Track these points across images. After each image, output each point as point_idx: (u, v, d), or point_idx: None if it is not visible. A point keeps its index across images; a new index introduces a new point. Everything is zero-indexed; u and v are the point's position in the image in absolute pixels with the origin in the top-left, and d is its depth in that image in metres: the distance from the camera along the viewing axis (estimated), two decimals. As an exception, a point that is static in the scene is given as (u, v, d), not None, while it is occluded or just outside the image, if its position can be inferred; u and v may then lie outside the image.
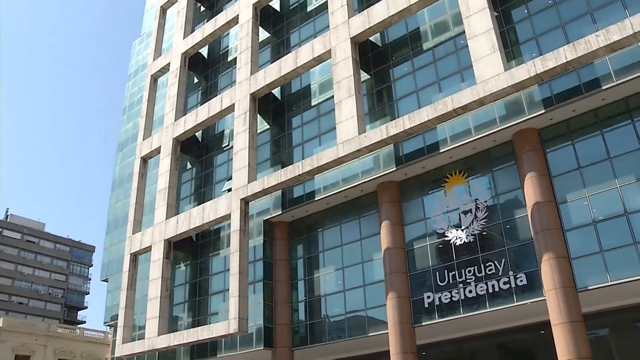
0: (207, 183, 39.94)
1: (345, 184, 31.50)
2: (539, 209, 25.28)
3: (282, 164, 34.74)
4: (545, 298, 24.46)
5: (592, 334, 25.95)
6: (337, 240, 32.87)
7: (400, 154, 29.76)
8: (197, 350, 36.00)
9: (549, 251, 24.45)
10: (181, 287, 39.10)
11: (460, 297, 26.94)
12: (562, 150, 26.21)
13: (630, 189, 24.01)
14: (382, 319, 29.17)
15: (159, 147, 40.92)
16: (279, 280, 33.89)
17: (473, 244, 27.33)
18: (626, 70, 23.87)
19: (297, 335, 32.96)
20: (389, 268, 29.12)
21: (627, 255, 23.21)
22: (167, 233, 37.16)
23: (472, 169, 28.60)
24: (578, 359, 22.88)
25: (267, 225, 35.05)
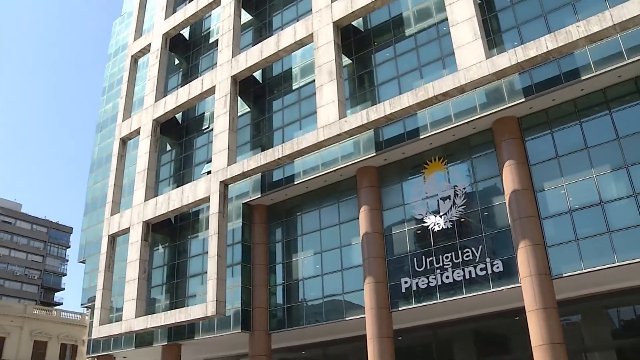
0: (187, 165, 39.75)
1: (324, 169, 31.53)
2: (516, 196, 25.52)
3: (262, 147, 34.65)
4: (520, 285, 24.78)
5: (564, 320, 26.43)
6: (315, 225, 32.94)
7: (380, 139, 29.82)
8: (174, 333, 36.02)
9: (526, 239, 24.74)
10: (159, 269, 39.01)
11: (437, 282, 27.18)
12: (541, 139, 26.46)
13: (605, 178, 24.33)
14: (360, 304, 29.34)
15: (138, 128, 40.60)
16: (257, 264, 33.92)
17: (451, 230, 27.55)
18: (605, 61, 24.09)
19: (275, 318, 33.07)
20: (367, 253, 29.26)
21: (601, 243, 23.58)
22: (145, 215, 36.98)
23: (451, 156, 28.76)
24: (551, 344, 23.25)
25: (246, 208, 35.00)
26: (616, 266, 23.06)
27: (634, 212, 23.16)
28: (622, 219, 23.43)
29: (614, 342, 27.98)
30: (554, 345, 23.28)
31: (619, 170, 24.08)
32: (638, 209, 23.11)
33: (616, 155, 24.21)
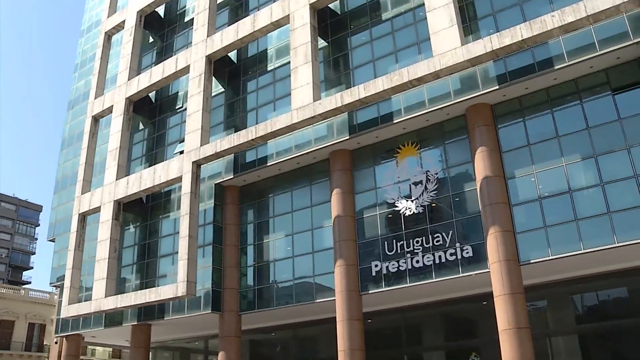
0: (159, 144, 39.41)
1: (297, 151, 31.50)
2: (487, 183, 25.79)
3: (236, 128, 34.46)
4: (489, 270, 25.11)
5: (531, 306, 26.92)
6: (287, 207, 32.94)
7: (354, 122, 29.83)
8: (144, 313, 35.89)
9: (495, 225, 25.02)
10: (130, 248, 38.75)
11: (407, 266, 27.41)
12: (513, 127, 26.73)
13: (575, 167, 24.71)
14: (330, 286, 29.51)
15: (111, 106, 40.07)
16: (228, 245, 33.87)
17: (422, 215, 27.77)
18: (578, 52, 24.38)
19: (245, 299, 33.11)
20: (339, 236, 29.38)
21: (568, 231, 24.00)
22: (117, 194, 36.64)
23: (424, 141, 28.91)
24: (517, 329, 23.66)
25: (219, 189, 34.86)
26: (582, 253, 23.51)
27: (601, 201, 23.58)
28: (589, 208, 23.86)
29: (576, 327, 28.67)
30: (519, 329, 23.69)
31: (587, 160, 24.48)
32: (605, 198, 23.52)
33: (586, 145, 24.59)
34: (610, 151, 24.05)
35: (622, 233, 22.77)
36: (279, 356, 38.57)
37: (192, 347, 43.47)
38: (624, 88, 24.53)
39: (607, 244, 23.01)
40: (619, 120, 24.18)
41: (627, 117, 24.02)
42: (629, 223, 22.78)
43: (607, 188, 23.69)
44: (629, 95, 24.42)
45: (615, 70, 24.84)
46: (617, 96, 24.58)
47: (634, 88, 24.33)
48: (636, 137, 23.60)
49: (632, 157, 23.43)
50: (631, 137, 23.66)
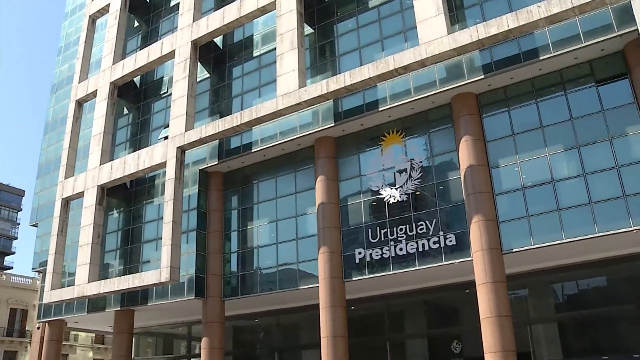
0: (144, 130, 39.19)
1: (282, 137, 31.45)
2: (471, 172, 25.92)
3: (221, 113, 34.34)
4: (472, 259, 25.31)
5: (512, 294, 27.12)
6: (272, 193, 32.93)
7: (340, 110, 29.82)
8: (127, 298, 35.80)
9: (479, 214, 25.20)
10: (113, 234, 38.59)
11: (390, 254, 27.54)
12: (497, 116, 26.87)
13: (558, 157, 24.93)
14: (313, 273, 29.61)
15: (95, 90, 39.74)
16: (212, 231, 33.84)
17: (406, 203, 27.87)
18: (563, 43, 24.52)
19: (229, 285, 33.14)
20: (322, 223, 29.43)
21: (550, 221, 24.24)
22: (100, 179, 36.44)
23: (409, 129, 28.97)
24: (498, 317, 23.90)
25: (203, 174, 34.74)
26: (563, 243, 23.77)
27: (583, 191, 23.83)
28: (571, 198, 24.10)
29: (556, 316, 29.02)
30: (501, 317, 23.93)
31: (570, 150, 24.68)
32: (586, 189, 23.75)
33: (569, 136, 24.80)
34: (593, 142, 24.28)
35: (602, 223, 23.04)
36: (262, 342, 38.68)
37: (175, 332, 43.41)
38: (608, 80, 24.75)
39: (588, 234, 23.27)
40: (602, 112, 24.40)
41: (610, 109, 24.26)
42: (609, 213, 23.05)
43: (589, 179, 23.93)
44: (612, 87, 24.64)
45: (599, 62, 25.02)
46: (601, 88, 24.79)
47: (617, 80, 24.55)
48: (618, 128, 23.84)
49: (614, 148, 23.67)
50: (613, 128, 23.91)
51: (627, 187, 22.97)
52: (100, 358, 72.68)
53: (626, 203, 22.84)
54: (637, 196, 22.75)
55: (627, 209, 22.73)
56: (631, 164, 23.26)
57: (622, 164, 23.37)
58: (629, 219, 22.57)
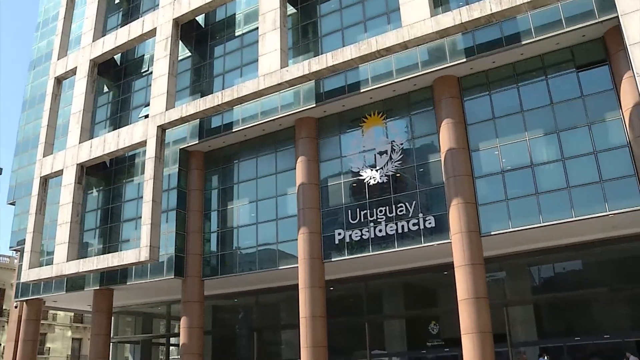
0: (124, 108, 38.80)
1: (264, 117, 31.31)
2: (452, 155, 26.04)
3: (202, 93, 34.10)
4: (450, 241, 25.51)
5: (490, 277, 27.44)
6: (252, 173, 32.85)
7: (321, 90, 29.74)
8: (106, 277, 35.65)
9: (458, 196, 25.36)
10: (92, 213, 38.32)
11: (370, 235, 27.66)
12: (479, 100, 26.99)
13: (538, 142, 25.15)
14: (293, 253, 29.67)
15: (74, 68, 39.15)
16: (192, 210, 33.71)
17: (386, 185, 27.96)
18: (545, 28, 24.62)
19: (208, 265, 33.13)
20: (302, 203, 29.48)
21: (528, 204, 24.51)
22: (79, 157, 36.05)
23: (390, 111, 28.98)
24: (475, 299, 24.18)
25: (183, 154, 34.54)
26: (541, 226, 24.05)
27: (561, 175, 24.07)
28: (550, 182, 24.36)
29: (532, 298, 29.50)
30: (478, 299, 24.21)
31: (550, 135, 24.91)
32: (565, 173, 24.00)
33: (549, 121, 25.01)
34: (572, 127, 24.50)
35: (579, 208, 23.34)
36: (241, 322, 38.83)
37: (154, 312, 43.46)
38: (588, 66, 24.95)
39: (565, 218, 23.57)
40: (581, 97, 24.59)
41: (589, 95, 24.48)
42: (586, 198, 23.35)
43: (567, 163, 24.16)
44: (592, 73, 24.84)
45: (580, 48, 25.18)
46: (581, 73, 24.99)
47: (597, 66, 24.75)
48: (597, 114, 24.10)
49: (593, 134, 23.91)
50: (592, 114, 24.15)
51: (604, 173, 23.29)
52: (79, 337, 72.54)
53: (602, 188, 23.15)
54: (614, 181, 23.08)
55: (603, 194, 23.04)
56: (608, 150, 23.56)
57: (599, 150, 23.66)
58: (605, 203, 22.89)
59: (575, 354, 26.86)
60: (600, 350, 26.49)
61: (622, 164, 23.10)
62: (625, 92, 23.11)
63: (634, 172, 22.68)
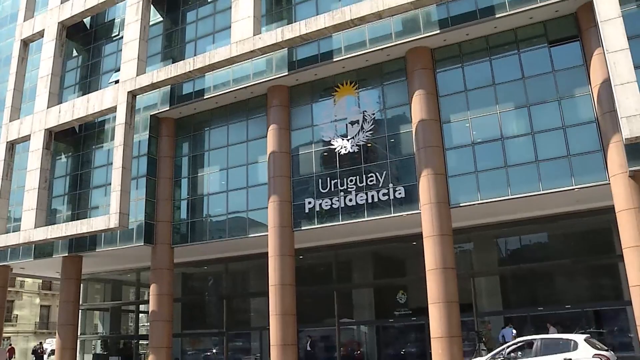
0: (94, 73, 38.07)
1: (235, 85, 30.94)
2: (423, 126, 26.11)
3: (173, 59, 33.51)
4: (420, 211, 25.69)
5: (458, 248, 27.84)
6: (223, 141, 32.56)
7: (294, 59, 29.44)
8: (75, 244, 35.28)
9: (428, 167, 25.50)
10: (61, 179, 37.77)
11: (340, 204, 27.75)
12: (451, 72, 27.00)
13: (508, 115, 25.35)
14: (263, 222, 29.67)
15: (42, 30, 38.11)
16: (162, 177, 33.39)
17: (357, 155, 27.98)
18: (519, 1, 24.51)
19: (178, 232, 33.01)
20: (273, 171, 29.37)
21: (497, 177, 24.76)
22: (48, 122, 35.39)
23: (363, 81, 28.87)
24: (443, 269, 24.48)
25: (154, 120, 34.04)
26: (509, 199, 24.34)
27: (530, 149, 24.33)
28: (519, 155, 24.61)
29: (498, 269, 30.05)
30: (445, 269, 24.52)
31: (520, 109, 25.09)
32: (534, 147, 24.28)
33: (520, 95, 25.15)
34: (542, 102, 24.71)
35: (547, 181, 23.67)
36: (210, 289, 38.93)
37: (123, 279, 43.30)
38: (560, 41, 25.04)
39: (533, 191, 23.90)
40: (552, 72, 24.77)
41: (560, 70, 24.63)
42: (554, 172, 23.67)
43: (536, 137, 24.41)
44: (563, 48, 24.97)
45: (553, 23, 25.23)
46: (553, 49, 25.09)
47: (568, 42, 24.86)
48: (567, 89, 24.31)
49: (562, 109, 24.17)
50: (563, 89, 24.36)
51: (572, 147, 23.60)
52: (48, 304, 72.18)
53: (570, 163, 23.48)
54: (581, 156, 23.42)
55: (570, 169, 23.39)
56: (577, 125, 23.85)
57: (568, 125, 23.93)
58: (571, 178, 23.25)
59: (538, 324, 27.50)
60: (561, 319, 27.18)
61: (589, 140, 23.42)
62: (595, 68, 23.31)
63: (600, 148, 23.02)
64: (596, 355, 16.73)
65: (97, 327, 45.60)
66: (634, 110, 19.61)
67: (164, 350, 32.20)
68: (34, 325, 70.30)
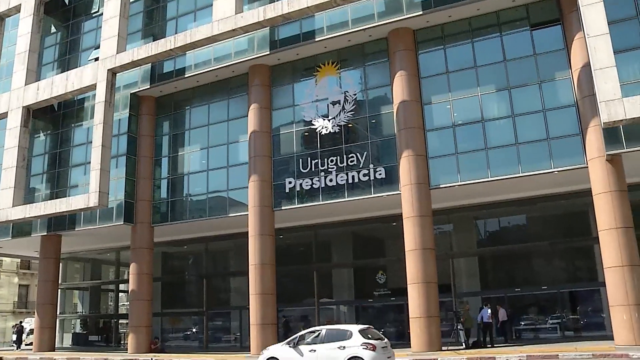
0: (73, 50, 37.53)
1: (217, 63, 30.67)
2: (404, 107, 26.16)
3: (154, 37, 33.10)
4: (400, 192, 25.80)
5: (437, 229, 28.01)
6: (204, 120, 32.36)
7: (276, 38, 29.25)
8: (54, 223, 35.00)
9: (409, 149, 25.59)
10: (40, 157, 37.35)
11: (320, 185, 27.76)
12: (433, 54, 27.04)
13: (489, 98, 25.51)
14: (243, 201, 29.62)
15: (18, 5, 37.22)
16: (142, 156, 33.17)
17: (338, 135, 27.97)
18: (503, -16, 24.66)
19: (158, 212, 32.87)
20: (254, 151, 29.29)
21: (477, 159, 24.96)
22: (26, 100, 34.86)
23: (345, 61, 28.78)
24: (422, 250, 24.71)
25: (134, 98, 33.72)
26: (489, 181, 24.54)
27: (510, 132, 24.51)
28: (499, 138, 24.80)
29: (477, 250, 30.34)
30: (425, 250, 24.74)
31: (502, 92, 25.26)
32: (514, 130, 24.45)
33: (501, 77, 25.32)
34: (523, 85, 24.87)
35: (526, 164, 23.92)
36: (190, 269, 38.91)
37: (103, 258, 43.06)
38: (542, 25, 25.20)
39: (512, 174, 24.14)
40: (534, 56, 24.91)
41: (541, 54, 24.81)
42: (533, 154, 23.91)
43: (517, 120, 24.58)
44: (545, 32, 25.13)
45: (535, 7, 25.35)
46: (535, 32, 25.25)
47: (550, 25, 25.02)
48: (548, 73, 24.50)
49: (543, 92, 24.34)
50: (544, 72, 24.54)
51: (552, 130, 23.83)
52: (26, 283, 71.58)
53: (549, 145, 23.71)
54: (560, 139, 23.68)
55: (549, 152, 23.62)
56: (556, 109, 24.07)
57: (548, 108, 24.12)
58: (550, 160, 23.49)
59: (515, 304, 27.89)
60: (537, 300, 27.55)
61: (568, 123, 23.66)
62: (576, 52, 23.49)
63: (579, 132, 23.26)
64: (364, 343, 18.67)
65: (77, 307, 45.43)
66: (613, 95, 19.79)
67: (144, 329, 32.24)
68: (13, 305, 69.76)
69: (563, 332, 26.76)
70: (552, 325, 27.18)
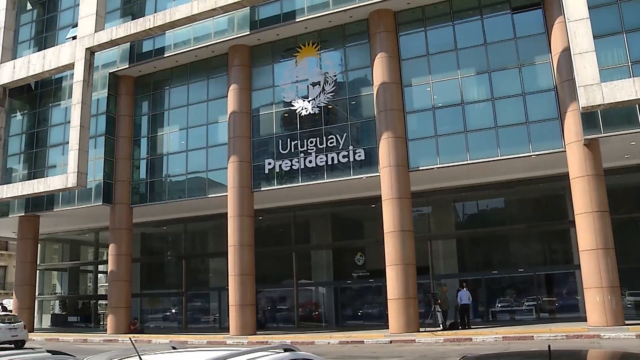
0: (50, 28, 36.93)
1: (196, 43, 30.35)
2: (384, 89, 26.12)
3: (133, 15, 32.63)
4: (379, 174, 25.84)
5: (416, 211, 28.14)
6: (183, 100, 32.09)
7: (256, 18, 28.97)
8: (32, 204, 34.66)
9: (389, 130, 25.61)
10: (17, 137, 36.90)
11: (300, 166, 27.73)
12: (414, 36, 26.99)
13: (469, 81, 25.57)
14: (222, 182, 29.54)
15: (-8, -20, 36.82)
16: (121, 136, 32.90)
17: (318, 116, 27.90)
18: (484, -35, 24.60)
19: (137, 192, 32.69)
20: (233, 132, 29.13)
21: (456, 142, 25.02)
22: (1, 78, 34.27)
23: (325, 42, 28.63)
24: (401, 232, 24.81)
25: (113, 78, 33.31)
26: (468, 164, 24.65)
27: (490, 115, 24.60)
28: (479, 121, 24.90)
29: (455, 233, 30.55)
30: (403, 232, 24.85)
31: (482, 75, 25.31)
32: (493, 113, 24.54)
33: (481, 60, 25.36)
34: (503, 68, 24.94)
35: (505, 147, 24.05)
36: (169, 250, 38.81)
37: (82, 239, 42.81)
38: (523, 8, 25.29)
39: (491, 157, 24.27)
40: (514, 39, 24.95)
41: (522, 37, 24.86)
42: (512, 138, 24.06)
43: (496, 103, 24.66)
44: (526, 15, 25.21)
45: (518, -9, 25.39)
46: (516, 15, 25.28)
47: (531, 9, 25.10)
48: (528, 57, 24.60)
49: (522, 76, 24.42)
50: (523, 56, 24.62)
51: (531, 114, 23.97)
52: (4, 265, 71.02)
53: (528, 129, 23.86)
54: (539, 123, 23.84)
55: (528, 135, 23.76)
56: (536, 92, 24.18)
57: (527, 92, 24.22)
58: (529, 144, 23.64)
59: (491, 286, 28.18)
60: (514, 282, 27.84)
61: (547, 107, 23.81)
62: (556, 36, 23.55)
63: (557, 116, 23.40)
64: None
65: (56, 287, 45.18)
66: (591, 80, 19.88)
67: (123, 310, 32.21)
68: (-9, 286, 69.37)
69: (538, 314, 27.12)
70: (528, 307, 27.53)
